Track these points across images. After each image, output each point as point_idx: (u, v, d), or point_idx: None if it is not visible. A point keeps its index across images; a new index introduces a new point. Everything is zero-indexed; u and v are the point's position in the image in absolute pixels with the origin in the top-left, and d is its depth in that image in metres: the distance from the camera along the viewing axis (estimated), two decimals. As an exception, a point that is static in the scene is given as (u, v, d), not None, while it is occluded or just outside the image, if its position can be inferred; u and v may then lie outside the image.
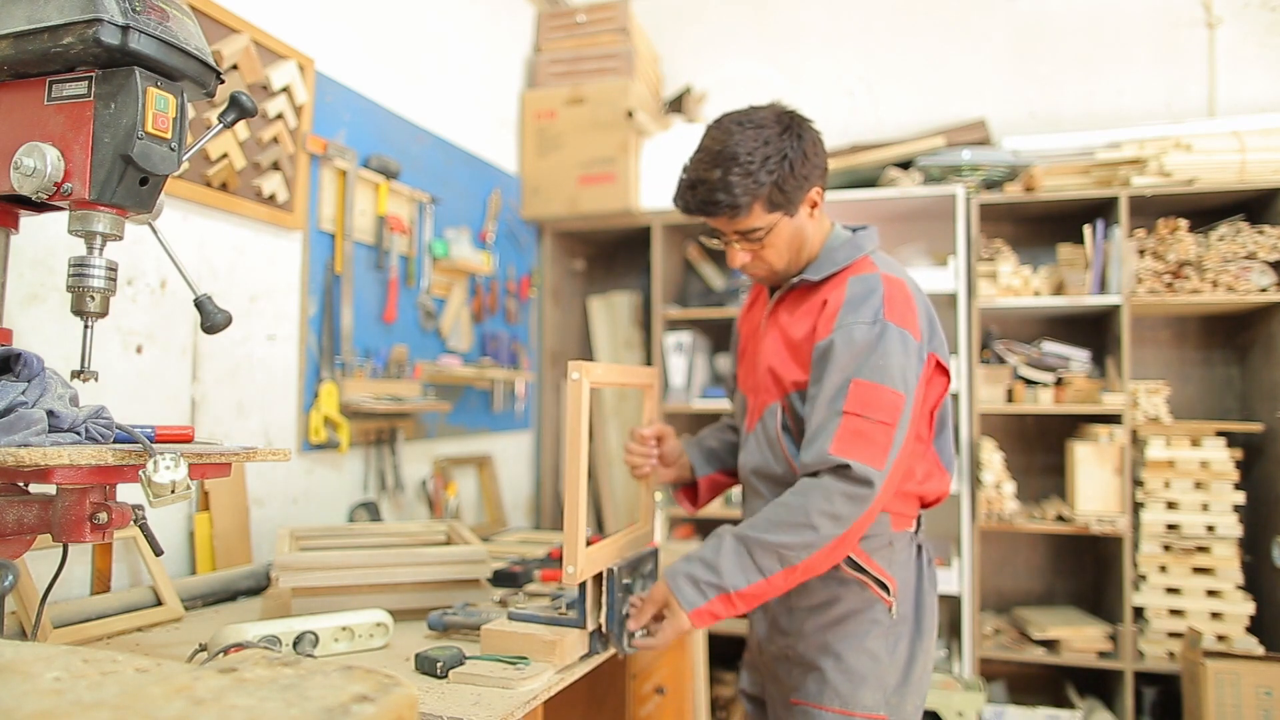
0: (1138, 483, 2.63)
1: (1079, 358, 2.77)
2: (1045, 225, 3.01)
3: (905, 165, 2.91)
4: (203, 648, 1.13)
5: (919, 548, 1.48)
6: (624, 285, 3.48)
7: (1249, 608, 2.50)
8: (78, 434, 0.94)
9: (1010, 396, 2.74)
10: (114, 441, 0.96)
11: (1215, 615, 2.54)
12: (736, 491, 2.70)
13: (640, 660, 1.84)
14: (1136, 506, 2.62)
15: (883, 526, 1.42)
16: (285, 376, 1.97)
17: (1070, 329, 2.97)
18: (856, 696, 1.37)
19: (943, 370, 1.43)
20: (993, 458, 2.68)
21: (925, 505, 1.49)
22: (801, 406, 1.40)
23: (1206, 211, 2.76)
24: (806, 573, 1.31)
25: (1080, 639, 2.63)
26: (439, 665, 1.16)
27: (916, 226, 3.12)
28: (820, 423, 1.31)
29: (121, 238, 1.04)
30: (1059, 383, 2.75)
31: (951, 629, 2.80)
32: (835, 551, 1.30)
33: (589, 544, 1.42)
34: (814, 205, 1.43)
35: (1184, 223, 2.62)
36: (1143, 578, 2.59)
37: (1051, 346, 2.79)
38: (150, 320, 1.62)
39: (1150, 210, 2.74)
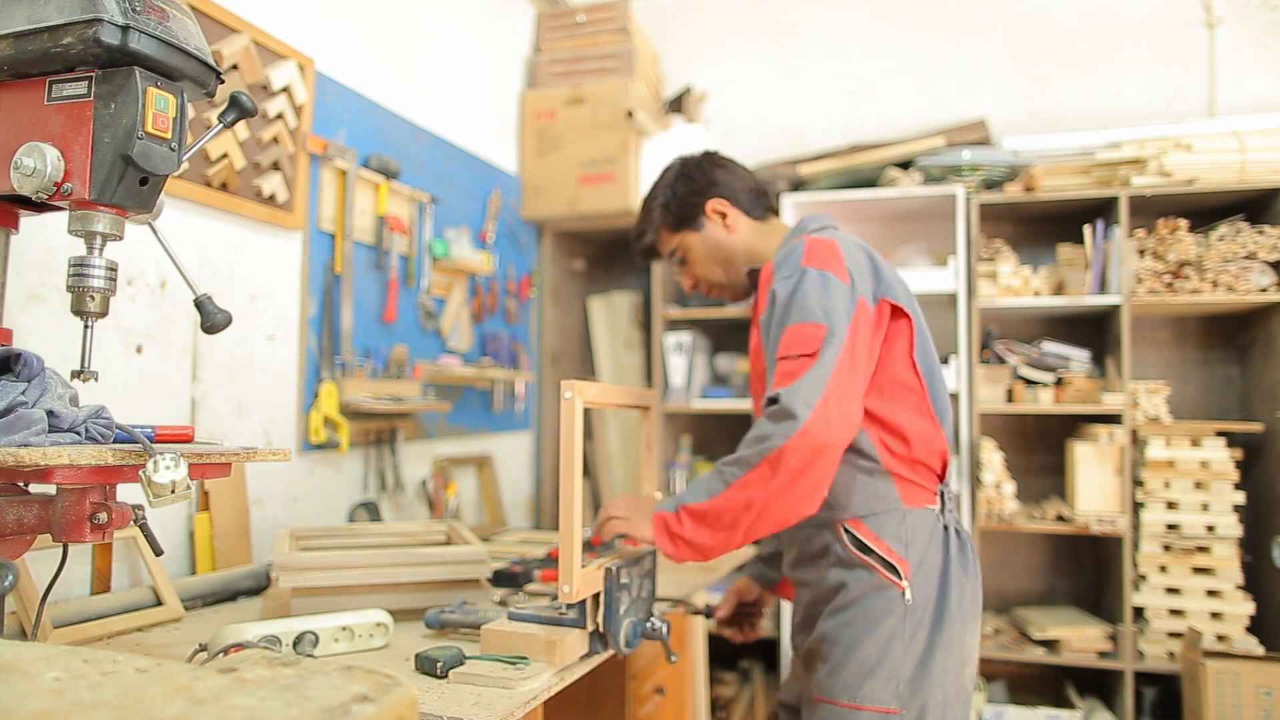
0: (1138, 483, 2.63)
1: (1079, 358, 2.77)
2: (1045, 225, 3.01)
3: (905, 165, 2.91)
4: (203, 648, 1.13)
5: (946, 529, 1.42)
6: (624, 285, 3.48)
7: (1249, 608, 2.51)
8: (78, 434, 0.94)
9: (1010, 396, 2.74)
10: (114, 441, 0.96)
11: (1215, 615, 2.54)
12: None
13: (640, 660, 1.84)
14: (1136, 506, 2.62)
15: (893, 502, 1.39)
16: (285, 376, 1.97)
17: (1070, 329, 2.97)
18: (864, 688, 1.33)
19: (901, 313, 1.41)
20: (993, 458, 2.68)
21: (941, 476, 1.44)
22: None
23: (1206, 211, 2.76)
24: (750, 505, 1.27)
25: (1080, 639, 2.63)
26: (439, 665, 1.16)
27: (916, 226, 3.12)
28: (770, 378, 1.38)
29: (121, 238, 1.04)
30: (1059, 383, 2.75)
31: (951, 629, 2.80)
32: (779, 481, 1.25)
33: (590, 544, 1.43)
34: (723, 215, 1.60)
35: (1184, 223, 2.62)
36: (1143, 578, 2.59)
37: (1051, 346, 2.79)
38: (150, 320, 1.62)
39: (1150, 210, 2.74)
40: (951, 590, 1.38)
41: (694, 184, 1.61)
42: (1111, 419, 2.65)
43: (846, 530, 1.40)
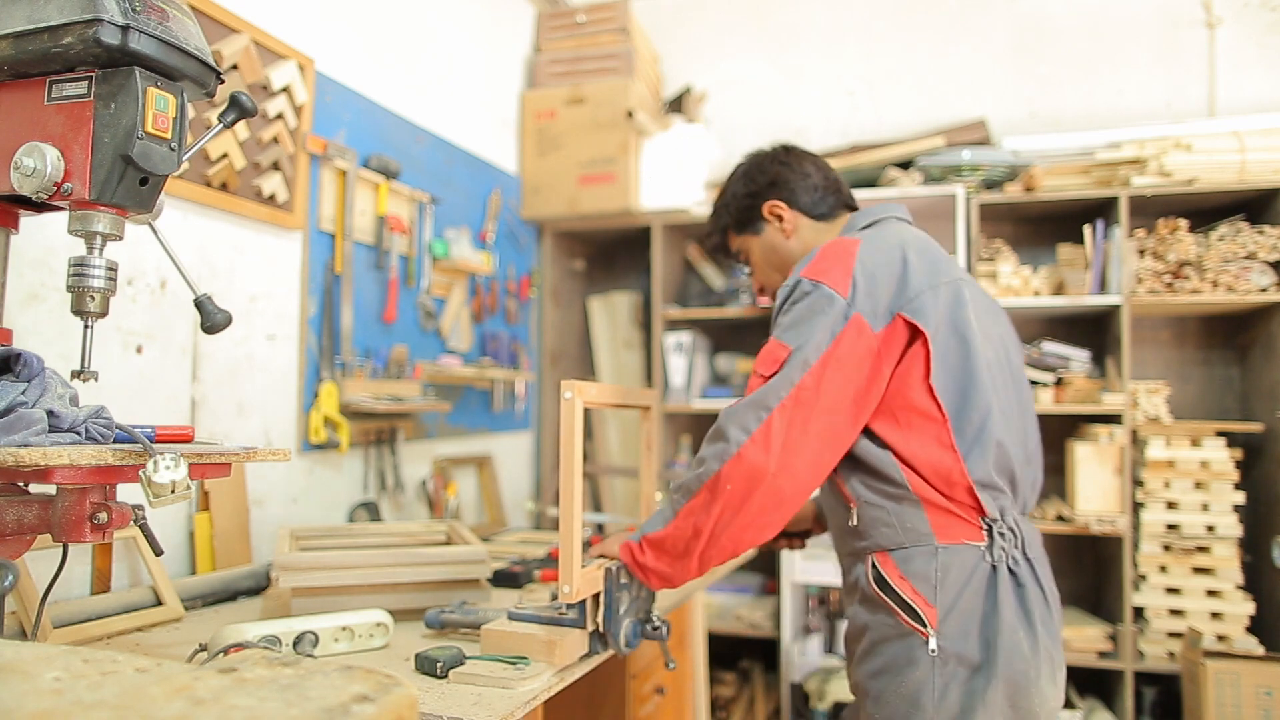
0: (1138, 483, 2.63)
1: (1079, 358, 2.77)
2: (1045, 225, 3.01)
3: (905, 165, 2.91)
4: (203, 648, 1.13)
5: (995, 568, 1.23)
6: (624, 285, 3.48)
7: (1249, 608, 2.50)
8: (78, 434, 0.94)
9: (1010, 396, 2.74)
10: (114, 441, 0.96)
11: (1215, 615, 2.54)
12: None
13: (640, 660, 1.84)
14: (1136, 506, 2.62)
15: (924, 536, 1.24)
16: (285, 376, 1.97)
17: (1070, 329, 2.97)
18: None
19: (918, 332, 1.23)
20: (993, 458, 2.68)
21: (985, 512, 1.24)
22: None
23: (1206, 211, 2.76)
24: (698, 532, 1.22)
25: (1080, 639, 2.63)
26: (439, 665, 1.16)
27: (917, 226, 3.12)
28: None
29: (121, 238, 1.04)
30: (1059, 383, 2.75)
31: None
32: (721, 508, 1.20)
33: (589, 544, 1.43)
34: (779, 217, 1.52)
35: (1184, 223, 2.62)
36: (1143, 578, 2.59)
37: (1051, 346, 2.79)
38: (150, 320, 1.62)
39: (1150, 210, 2.74)
40: (1001, 642, 1.18)
41: (753, 184, 1.53)
42: (1111, 419, 2.65)
43: (874, 565, 1.28)
